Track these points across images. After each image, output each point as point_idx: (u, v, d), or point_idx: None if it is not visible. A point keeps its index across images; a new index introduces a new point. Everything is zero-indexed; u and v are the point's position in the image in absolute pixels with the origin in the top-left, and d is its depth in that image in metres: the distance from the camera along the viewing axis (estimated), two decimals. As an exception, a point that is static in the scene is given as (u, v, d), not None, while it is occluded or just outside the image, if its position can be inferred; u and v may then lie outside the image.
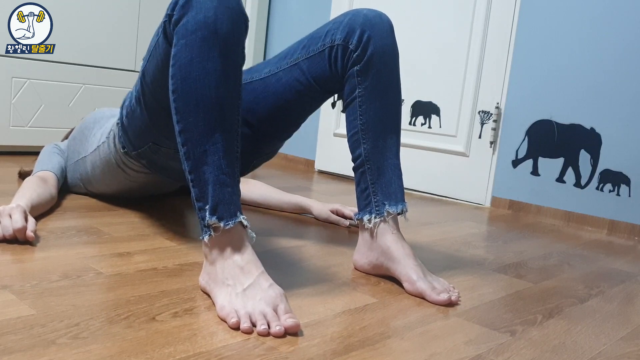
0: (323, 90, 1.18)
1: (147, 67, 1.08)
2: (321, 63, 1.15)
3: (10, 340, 0.68)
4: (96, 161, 1.37)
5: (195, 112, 0.88)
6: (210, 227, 0.87)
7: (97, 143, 1.37)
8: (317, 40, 1.16)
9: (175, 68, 0.91)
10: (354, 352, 0.76)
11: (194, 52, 0.89)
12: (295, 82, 1.17)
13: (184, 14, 0.91)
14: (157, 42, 1.03)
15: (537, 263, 1.37)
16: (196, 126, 0.88)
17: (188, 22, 0.90)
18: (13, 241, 1.05)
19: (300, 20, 2.80)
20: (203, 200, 0.88)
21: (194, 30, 0.89)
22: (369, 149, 1.11)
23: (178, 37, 0.91)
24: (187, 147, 0.89)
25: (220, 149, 0.88)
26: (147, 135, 1.17)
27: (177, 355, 0.69)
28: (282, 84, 1.18)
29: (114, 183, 1.40)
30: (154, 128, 1.15)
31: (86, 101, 2.27)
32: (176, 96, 0.90)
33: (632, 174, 1.88)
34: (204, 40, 0.89)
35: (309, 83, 1.17)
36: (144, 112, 1.13)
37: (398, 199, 1.10)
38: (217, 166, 0.87)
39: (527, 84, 2.10)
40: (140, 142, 1.20)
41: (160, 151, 1.20)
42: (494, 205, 2.18)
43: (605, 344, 0.90)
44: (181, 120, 0.90)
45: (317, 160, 2.70)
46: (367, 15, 1.12)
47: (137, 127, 1.18)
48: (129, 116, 1.19)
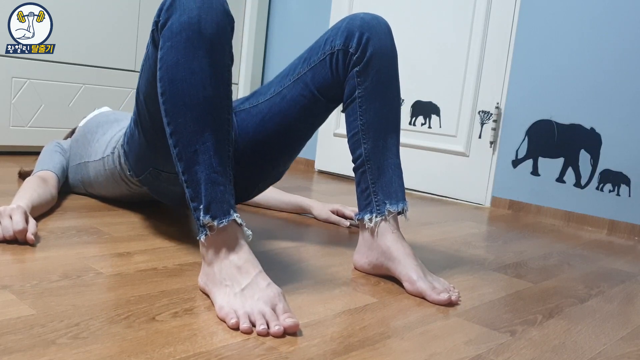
0: (327, 100, 1.18)
1: (140, 84, 1.09)
2: (323, 71, 1.15)
3: (10, 340, 0.68)
4: (100, 170, 1.37)
5: (184, 113, 0.89)
6: (205, 227, 0.87)
7: (102, 154, 1.35)
8: (317, 50, 1.16)
9: (162, 71, 0.91)
10: (354, 352, 0.76)
11: (179, 53, 0.89)
12: (300, 97, 1.17)
13: (169, 17, 0.92)
14: (147, 54, 1.03)
15: (537, 263, 1.37)
16: (185, 127, 0.89)
17: (173, 24, 0.91)
18: (13, 241, 1.05)
19: (300, 20, 2.80)
20: (197, 200, 0.88)
21: (179, 31, 0.90)
22: (370, 149, 1.11)
23: (164, 40, 0.92)
24: (178, 148, 0.90)
25: (210, 147, 0.88)
26: (146, 160, 1.17)
27: (177, 355, 0.69)
28: (286, 101, 1.18)
29: (116, 192, 1.40)
30: (152, 151, 1.14)
31: (86, 101, 2.27)
32: (165, 98, 0.91)
33: (632, 174, 1.88)
34: (188, 41, 0.89)
35: (313, 95, 1.16)
36: (141, 135, 1.13)
37: (399, 198, 1.10)
38: (208, 165, 0.88)
39: (527, 84, 2.10)
40: (141, 169, 1.20)
41: (161, 177, 1.19)
42: (494, 205, 2.18)
43: (605, 344, 0.90)
44: (171, 121, 0.90)
45: (317, 160, 2.70)
46: (364, 18, 1.13)
47: (136, 152, 1.18)
48: (129, 141, 1.19)
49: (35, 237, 1.07)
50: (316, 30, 2.70)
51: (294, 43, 2.80)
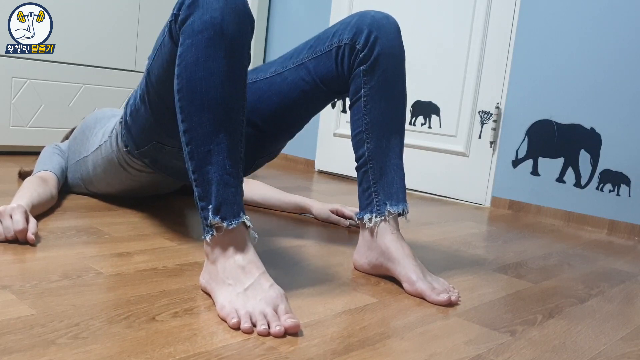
0: (329, 90, 1.18)
1: (152, 66, 1.09)
2: (328, 63, 1.15)
3: (10, 340, 0.68)
4: (98, 160, 1.37)
5: (200, 112, 0.89)
6: (212, 227, 0.87)
7: (99, 142, 1.37)
8: (325, 41, 1.16)
9: (181, 68, 0.91)
10: (354, 352, 0.76)
11: (199, 52, 0.89)
12: (301, 82, 1.18)
13: (190, 13, 0.91)
14: (162, 42, 1.03)
15: (537, 263, 1.37)
16: (201, 126, 0.88)
17: (194, 22, 0.90)
18: (13, 241, 1.05)
19: (300, 20, 2.80)
20: (206, 200, 0.88)
21: (200, 30, 0.89)
22: (372, 149, 1.11)
23: (184, 37, 0.91)
24: (191, 147, 0.89)
25: (224, 149, 0.88)
26: (151, 134, 1.18)
27: (177, 355, 0.69)
28: (287, 83, 1.19)
29: (116, 182, 1.40)
30: (158, 127, 1.15)
31: (86, 101, 2.27)
32: (181, 95, 0.91)
33: (632, 174, 1.88)
34: (210, 41, 0.89)
35: (315, 83, 1.17)
36: (148, 111, 1.14)
37: (399, 199, 1.10)
38: (221, 166, 0.88)
39: (527, 84, 2.10)
40: (144, 141, 1.20)
41: (164, 150, 1.20)
42: (494, 205, 2.18)
43: (605, 344, 0.90)
44: (186, 119, 0.90)
45: (317, 160, 2.70)
46: (374, 16, 1.13)
47: (141, 126, 1.18)
48: (133, 115, 1.19)
49: (36, 236, 1.07)
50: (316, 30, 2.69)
51: (294, 43, 2.79)
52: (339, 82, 1.16)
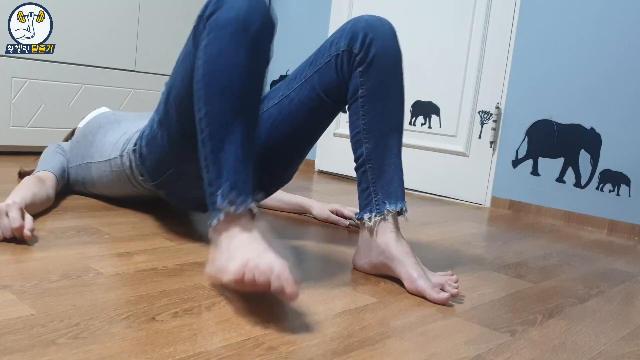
0: (333, 102, 1.18)
1: (171, 83, 1.10)
2: (329, 73, 1.16)
3: (10, 340, 0.68)
4: (105, 171, 1.36)
5: (219, 101, 0.91)
6: (220, 212, 0.88)
7: (108, 156, 1.35)
8: (324, 53, 1.17)
9: (203, 59, 0.93)
10: (354, 352, 0.76)
11: (223, 45, 0.92)
12: (307, 100, 1.18)
13: (216, 9, 0.94)
14: (185, 53, 1.05)
15: (537, 263, 1.37)
16: (217, 114, 0.91)
17: (220, 17, 0.93)
18: (13, 241, 1.05)
19: (300, 20, 2.80)
20: (216, 185, 0.90)
21: (225, 25, 0.92)
22: (371, 149, 1.11)
23: (209, 30, 0.94)
24: (205, 133, 0.91)
25: (238, 138, 0.90)
26: (168, 162, 1.17)
27: (177, 355, 0.69)
28: (294, 104, 1.19)
29: (120, 192, 1.39)
30: (176, 152, 1.14)
31: (86, 101, 2.27)
32: (201, 85, 0.93)
33: (632, 174, 1.88)
34: (233, 35, 0.92)
35: (320, 97, 1.17)
36: (164, 136, 1.13)
37: (398, 198, 1.10)
38: (234, 154, 0.90)
39: (527, 84, 2.10)
40: (161, 171, 1.19)
41: (182, 179, 1.19)
42: (494, 205, 2.18)
43: (605, 344, 0.90)
44: (203, 106, 0.92)
45: (317, 160, 2.70)
46: (368, 20, 1.14)
47: (157, 154, 1.17)
48: (150, 144, 1.18)
49: (34, 235, 1.07)
50: (316, 30, 2.70)
51: (294, 43, 2.80)
52: (341, 90, 1.16)
